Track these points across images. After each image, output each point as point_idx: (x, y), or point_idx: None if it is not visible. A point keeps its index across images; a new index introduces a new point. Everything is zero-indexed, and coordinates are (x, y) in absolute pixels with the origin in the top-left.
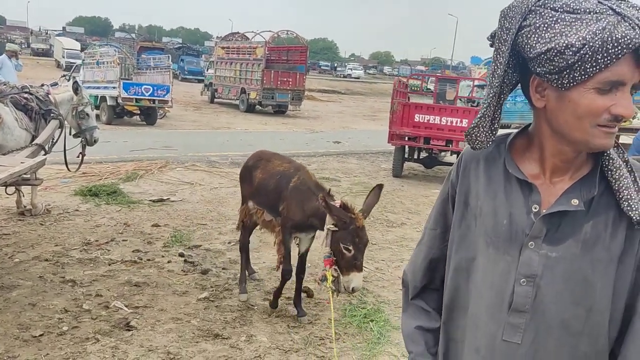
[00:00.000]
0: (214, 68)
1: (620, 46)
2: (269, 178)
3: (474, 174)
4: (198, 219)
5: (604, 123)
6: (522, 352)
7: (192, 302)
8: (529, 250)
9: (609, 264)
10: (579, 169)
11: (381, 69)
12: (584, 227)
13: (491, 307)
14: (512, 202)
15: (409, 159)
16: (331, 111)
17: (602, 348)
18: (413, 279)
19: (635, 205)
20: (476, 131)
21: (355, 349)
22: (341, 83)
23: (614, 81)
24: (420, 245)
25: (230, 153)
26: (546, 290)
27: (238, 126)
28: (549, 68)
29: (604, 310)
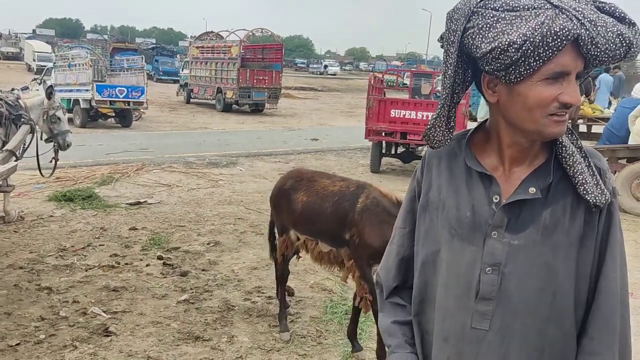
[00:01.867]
0: (189, 68)
1: (559, 38)
2: (321, 201)
3: (436, 170)
4: (176, 221)
5: (554, 112)
6: (490, 338)
7: (172, 305)
8: (493, 239)
9: (570, 248)
10: (535, 159)
11: (357, 65)
12: (543, 214)
13: (459, 297)
14: (474, 194)
15: (386, 154)
16: (308, 108)
17: (569, 330)
18: (386, 279)
19: (591, 189)
20: (433, 131)
21: (337, 345)
22: (318, 80)
23: (559, 72)
24: (392, 245)
25: (208, 153)
26: (510, 277)
27: (215, 126)
28: (495, 66)
29: (568, 293)
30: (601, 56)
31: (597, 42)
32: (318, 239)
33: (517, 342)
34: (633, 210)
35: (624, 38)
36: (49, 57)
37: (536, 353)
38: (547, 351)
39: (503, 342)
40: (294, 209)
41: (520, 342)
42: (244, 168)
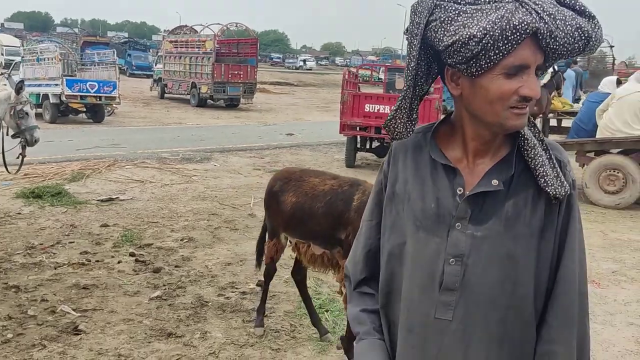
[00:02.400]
0: (162, 63)
1: (518, 32)
2: (311, 201)
3: (402, 163)
4: (149, 217)
5: (514, 104)
6: (453, 328)
7: (144, 302)
8: (456, 231)
9: (531, 238)
10: (498, 151)
11: (333, 60)
12: (506, 206)
13: (423, 288)
14: (439, 186)
15: (361, 149)
16: (284, 103)
17: (529, 319)
18: (354, 272)
19: (551, 182)
20: (393, 123)
21: (311, 339)
22: (293, 75)
23: (518, 65)
24: (359, 238)
25: (182, 149)
26: (473, 268)
27: (190, 121)
28: (457, 59)
29: (528, 283)
30: (560, 50)
31: (555, 35)
32: (310, 241)
33: (479, 331)
34: (600, 202)
35: (582, 32)
36: (17, 51)
37: (496, 342)
38: (507, 340)
39: (466, 332)
40: (284, 212)
41: (482, 331)
42: (218, 163)
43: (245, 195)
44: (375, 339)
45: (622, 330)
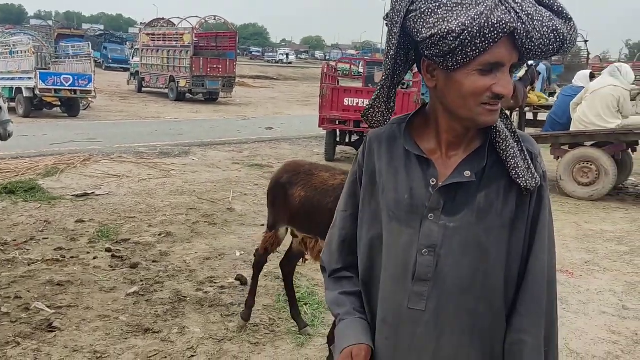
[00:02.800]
0: (139, 56)
1: (496, 31)
2: (321, 196)
3: (377, 154)
4: (126, 212)
5: (487, 101)
6: (426, 318)
7: (121, 298)
8: (429, 221)
9: (502, 230)
10: (471, 143)
11: (313, 54)
12: (478, 197)
13: (396, 278)
14: (412, 177)
15: (340, 142)
16: (264, 97)
17: (499, 309)
18: (329, 262)
19: (522, 173)
20: (372, 112)
21: (289, 333)
22: (273, 69)
23: (494, 63)
24: (333, 229)
25: (159, 143)
26: (446, 258)
27: (168, 115)
28: (434, 52)
29: (499, 273)
30: (535, 50)
31: (532, 36)
32: (318, 236)
33: (451, 322)
34: (574, 194)
35: (558, 34)
36: None
37: (468, 332)
38: (477, 330)
39: (438, 322)
40: (291, 205)
41: (454, 322)
42: (196, 158)
43: (224, 190)
44: (356, 317)
45: (595, 319)
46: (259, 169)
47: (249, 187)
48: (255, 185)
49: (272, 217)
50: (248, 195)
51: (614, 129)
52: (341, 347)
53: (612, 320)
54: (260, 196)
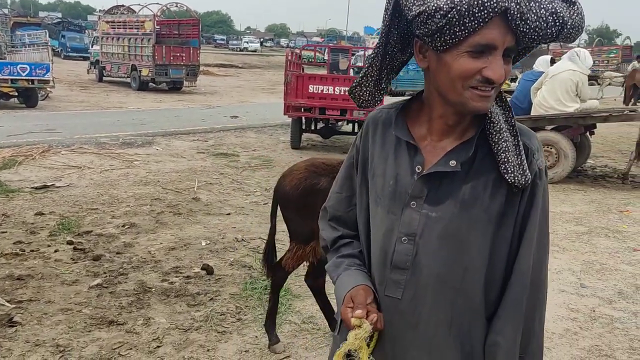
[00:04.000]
0: (99, 44)
1: (486, 10)
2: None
3: (372, 138)
4: (88, 204)
5: (476, 85)
6: (402, 307)
7: (84, 291)
8: (410, 209)
9: (487, 224)
10: (464, 133)
11: (278, 42)
12: (463, 188)
13: (378, 264)
14: (399, 163)
15: (306, 130)
16: (229, 86)
17: (478, 306)
18: (328, 236)
19: (512, 169)
20: (358, 90)
21: (256, 320)
22: (238, 57)
23: (485, 44)
24: (326, 209)
25: (122, 133)
26: (425, 248)
27: (130, 105)
28: (423, 30)
29: (480, 269)
30: (531, 33)
31: (527, 18)
32: None
33: (427, 313)
34: None
35: (557, 17)
36: None
37: (444, 326)
38: (455, 325)
39: (415, 311)
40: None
41: (430, 313)
42: (160, 147)
43: (189, 179)
44: (351, 269)
45: (554, 297)
46: (224, 157)
47: (214, 176)
48: (220, 174)
49: (305, 227)
50: (213, 184)
51: (572, 112)
52: (341, 298)
53: (571, 298)
54: (225, 185)
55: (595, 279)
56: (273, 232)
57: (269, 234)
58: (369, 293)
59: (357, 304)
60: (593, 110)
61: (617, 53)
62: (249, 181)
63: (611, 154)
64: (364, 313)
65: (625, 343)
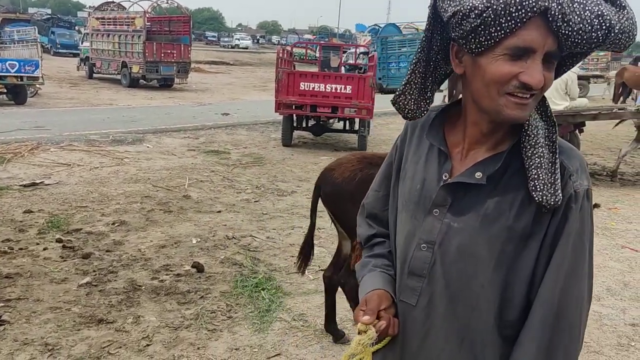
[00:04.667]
0: (89, 41)
1: (524, 9)
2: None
3: (409, 140)
4: (77, 202)
5: (513, 91)
6: (415, 314)
7: (73, 289)
8: (433, 216)
9: (507, 243)
10: (498, 144)
11: (269, 39)
12: (487, 202)
13: (398, 268)
14: (428, 168)
15: (297, 127)
16: (220, 83)
17: (492, 327)
18: (363, 232)
19: (541, 187)
20: (402, 99)
21: (247, 318)
22: (229, 54)
23: (523, 47)
24: (364, 206)
25: (112, 130)
26: (443, 258)
27: (121, 102)
28: (459, 32)
29: (495, 288)
30: (574, 37)
31: (569, 19)
32: None
33: (439, 323)
34: None
35: (604, 20)
36: None
37: (456, 339)
38: (468, 340)
39: (427, 320)
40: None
41: (443, 324)
42: (151, 145)
43: (180, 177)
44: (375, 272)
45: None
46: (215, 155)
47: (205, 173)
48: (211, 172)
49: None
50: (204, 182)
51: (562, 110)
52: (360, 300)
53: None
54: (216, 183)
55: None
56: (312, 230)
57: (309, 231)
58: (384, 298)
59: (368, 309)
60: (582, 109)
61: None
62: (239, 179)
63: (600, 152)
64: (372, 319)
65: (614, 339)
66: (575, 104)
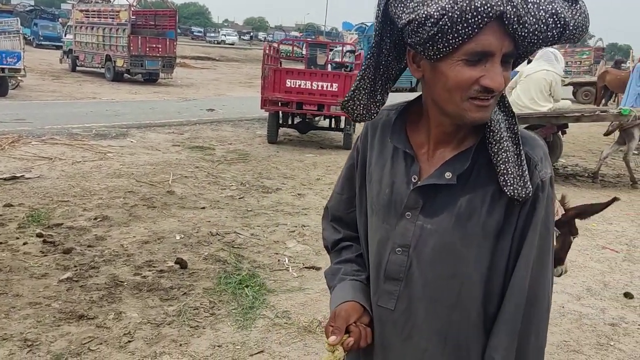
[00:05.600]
0: (73, 33)
1: (480, 15)
2: None
3: (371, 142)
4: (59, 196)
5: (475, 95)
6: (395, 318)
7: (53, 284)
8: (405, 220)
9: (483, 239)
10: (462, 142)
11: (256, 35)
12: (459, 201)
13: (373, 274)
14: (396, 171)
15: (283, 124)
16: (206, 79)
17: (475, 321)
18: (329, 236)
19: (511, 181)
20: (351, 104)
21: (230, 315)
22: (215, 49)
23: (481, 52)
24: (327, 209)
25: (95, 124)
26: (419, 260)
27: (104, 96)
28: (415, 39)
29: (477, 283)
30: (530, 37)
31: (524, 21)
32: None
33: (420, 326)
34: None
35: (558, 18)
36: None
37: (438, 340)
38: (451, 340)
39: (407, 323)
40: None
41: (424, 327)
42: (135, 140)
43: (164, 172)
44: (346, 281)
45: None
46: (200, 151)
47: (190, 169)
48: (196, 167)
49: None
50: (188, 177)
51: (546, 112)
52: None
53: None
54: (201, 179)
55: (565, 276)
56: None
57: None
58: (353, 311)
59: (335, 327)
60: (566, 110)
61: (590, 54)
62: (224, 175)
63: (582, 154)
64: (338, 339)
65: (593, 339)
66: (559, 106)
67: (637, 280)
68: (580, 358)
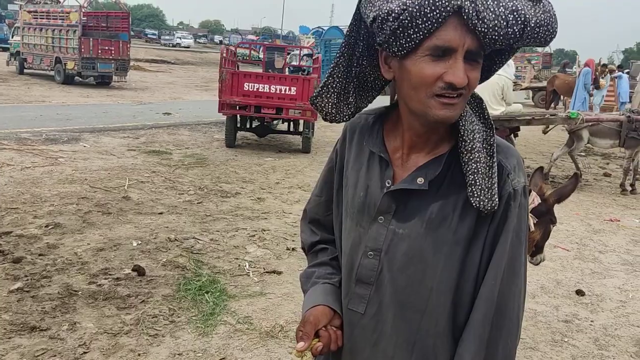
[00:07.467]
0: (20, 35)
1: (438, 9)
2: None
3: (349, 146)
4: (7, 203)
5: (440, 92)
6: (364, 322)
7: (3, 295)
8: (378, 224)
9: (454, 246)
10: (437, 147)
11: (212, 38)
12: (431, 207)
13: (345, 276)
14: (371, 175)
15: (241, 128)
16: (161, 82)
17: (444, 330)
18: (306, 239)
19: (478, 192)
20: (319, 101)
21: (190, 322)
22: (170, 52)
23: (442, 47)
24: (306, 211)
25: (45, 129)
26: (390, 265)
27: (55, 99)
28: (381, 36)
29: (446, 291)
30: (491, 33)
31: (483, 16)
32: None
33: (389, 331)
34: None
35: (518, 15)
36: None
37: (407, 345)
38: (419, 347)
39: (376, 328)
40: None
41: (393, 332)
42: (88, 144)
43: (119, 178)
44: (318, 284)
45: None
46: (157, 155)
47: (146, 174)
48: (152, 172)
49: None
50: (145, 183)
51: (499, 115)
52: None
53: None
54: (158, 184)
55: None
56: None
57: None
58: (322, 315)
59: (304, 332)
60: (517, 114)
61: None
62: (182, 180)
63: (533, 155)
64: (307, 345)
65: (548, 335)
66: (511, 109)
67: (587, 277)
68: (536, 355)
